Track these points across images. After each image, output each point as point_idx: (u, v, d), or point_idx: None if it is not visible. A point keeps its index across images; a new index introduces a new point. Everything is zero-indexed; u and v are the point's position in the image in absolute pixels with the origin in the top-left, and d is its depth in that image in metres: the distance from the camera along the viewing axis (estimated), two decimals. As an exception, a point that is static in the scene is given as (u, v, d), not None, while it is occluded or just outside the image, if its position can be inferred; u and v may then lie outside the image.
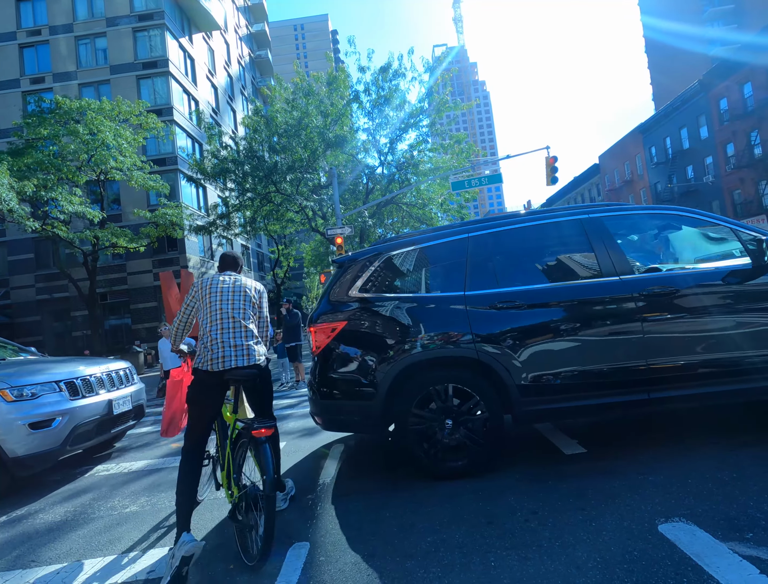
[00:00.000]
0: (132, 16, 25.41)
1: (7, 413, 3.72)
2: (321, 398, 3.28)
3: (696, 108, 32.13)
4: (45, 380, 4.05)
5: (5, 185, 13.01)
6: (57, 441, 3.91)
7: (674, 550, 1.94)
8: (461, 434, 3.04)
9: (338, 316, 3.27)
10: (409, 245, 3.42)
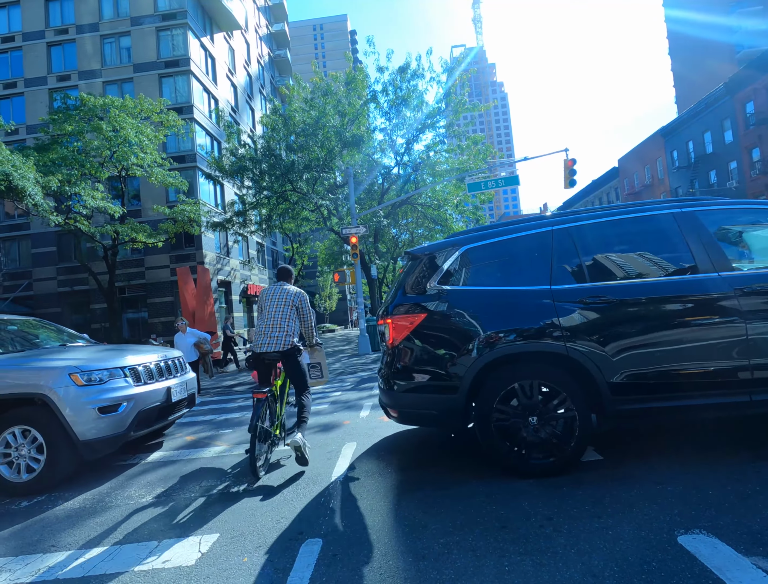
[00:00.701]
0: (156, 16, 25.89)
1: (79, 397, 3.79)
2: (398, 391, 3.24)
3: (721, 111, 31.38)
4: (111, 366, 4.12)
5: (31, 180, 13.36)
6: (123, 425, 3.98)
7: (694, 563, 1.90)
8: (547, 431, 2.96)
9: (416, 308, 3.23)
10: (489, 238, 3.36)
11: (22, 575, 2.40)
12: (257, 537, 2.57)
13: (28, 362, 4.00)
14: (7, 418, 3.79)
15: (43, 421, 3.76)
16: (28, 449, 3.77)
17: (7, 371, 3.85)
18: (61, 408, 3.72)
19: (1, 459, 3.75)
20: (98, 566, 2.42)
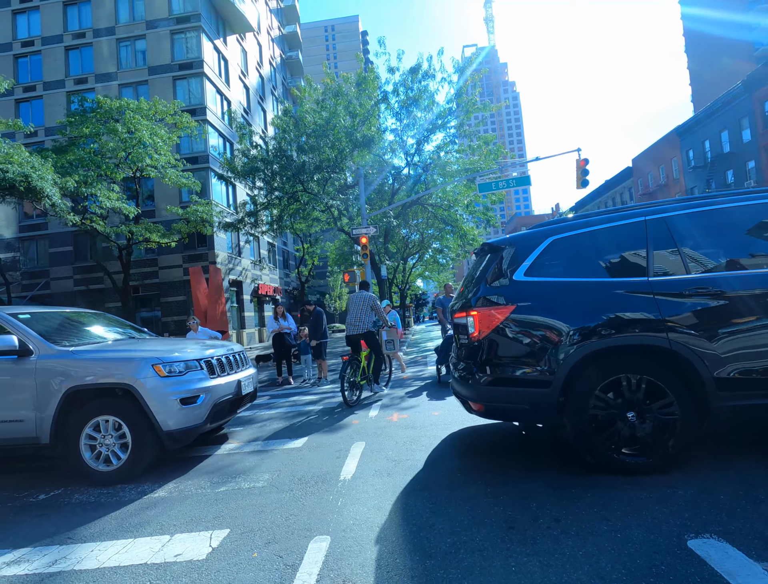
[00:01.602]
0: (170, 19, 26.29)
1: (162, 387, 3.85)
2: (484, 384, 3.19)
3: (738, 110, 30.76)
4: (188, 358, 4.16)
5: (49, 181, 13.66)
6: (201, 417, 4.04)
7: (704, 567, 1.88)
8: (644, 428, 2.87)
9: (504, 300, 3.17)
10: (576, 229, 3.28)
11: (40, 566, 2.47)
12: (266, 533, 2.61)
13: (112, 353, 4.08)
14: (93, 408, 3.85)
15: (129, 411, 3.82)
16: (114, 439, 3.83)
17: (93, 362, 3.92)
18: (146, 399, 3.78)
19: (87, 448, 3.81)
20: (112, 558, 2.48)
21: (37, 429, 3.82)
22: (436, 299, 9.78)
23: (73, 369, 3.85)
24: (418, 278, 42.64)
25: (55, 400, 3.78)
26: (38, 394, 3.83)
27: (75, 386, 3.80)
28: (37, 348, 3.94)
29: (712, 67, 43.81)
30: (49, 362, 3.88)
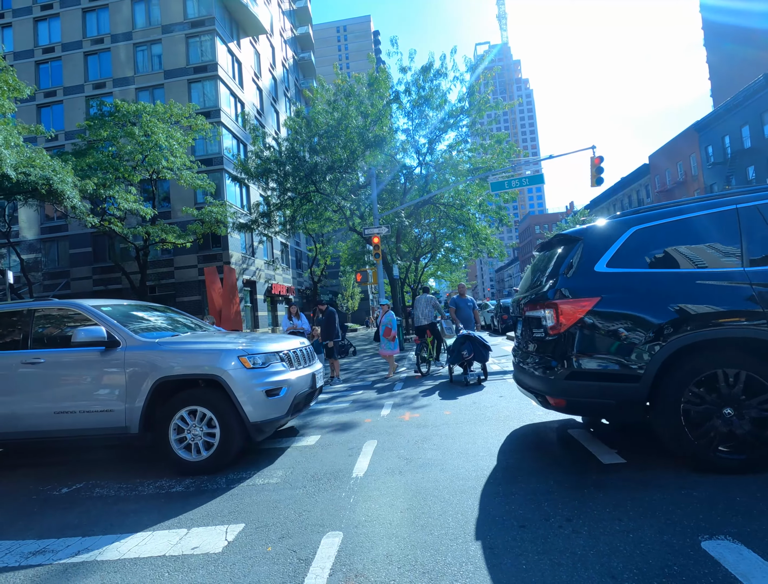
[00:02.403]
0: (185, 23, 26.71)
1: (248, 379, 3.89)
2: (564, 378, 3.09)
3: (760, 104, 29.95)
4: (271, 351, 4.20)
5: (69, 184, 14.03)
6: (283, 409, 4.07)
7: (718, 568, 1.87)
8: (744, 426, 2.75)
9: (586, 293, 3.07)
10: (660, 218, 3.17)
11: (63, 556, 2.56)
12: (280, 528, 2.66)
13: (198, 345, 4.13)
14: (181, 399, 3.90)
15: (216, 402, 3.87)
16: (201, 429, 3.87)
17: (181, 353, 3.99)
18: (234, 390, 3.82)
19: (176, 438, 3.87)
20: (132, 550, 2.56)
21: (127, 419, 3.89)
22: (450, 300, 9.77)
23: (161, 360, 3.92)
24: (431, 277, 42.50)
25: (145, 391, 3.86)
26: (128, 385, 3.90)
27: (164, 377, 3.86)
28: (124, 340, 4.01)
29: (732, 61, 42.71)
30: (138, 354, 3.96)
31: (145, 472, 4.02)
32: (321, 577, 2.10)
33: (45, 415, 3.98)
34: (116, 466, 4.31)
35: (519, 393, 5.94)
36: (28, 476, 4.20)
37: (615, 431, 3.90)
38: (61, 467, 4.44)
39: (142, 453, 4.68)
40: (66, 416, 3.95)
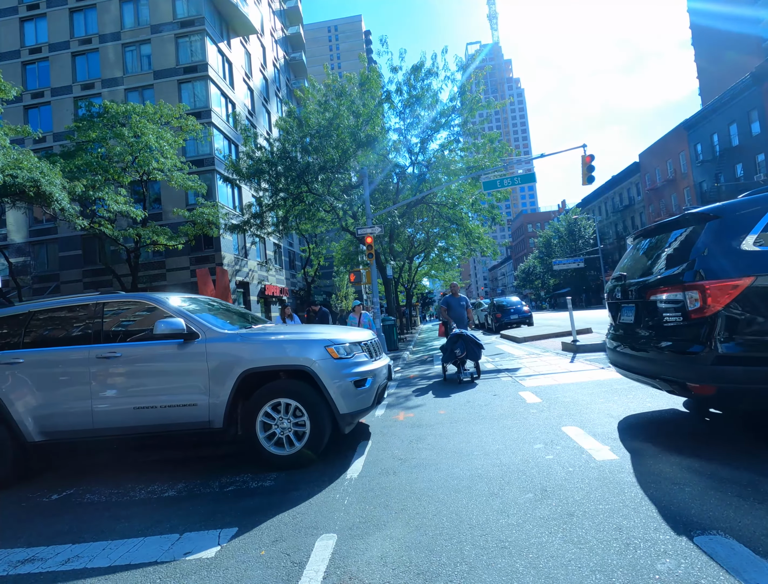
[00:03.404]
0: (174, 23, 26.49)
1: (337, 369, 3.80)
2: (717, 364, 2.88)
3: (747, 102, 30.37)
4: (354, 341, 4.10)
5: (58, 186, 13.86)
6: (369, 400, 3.98)
7: (710, 563, 1.88)
8: None
9: (736, 272, 2.89)
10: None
11: (53, 564, 2.52)
12: (274, 531, 2.64)
13: (283, 336, 4.03)
14: (268, 391, 3.78)
15: (305, 394, 3.75)
16: (289, 422, 3.76)
17: (266, 344, 3.88)
18: (324, 381, 3.73)
19: (263, 431, 3.76)
20: (123, 556, 2.52)
21: (210, 413, 3.75)
22: (442, 298, 9.78)
23: (245, 352, 3.79)
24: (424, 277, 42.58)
25: (230, 383, 3.72)
26: (211, 378, 3.76)
27: (250, 369, 3.74)
28: (203, 332, 3.89)
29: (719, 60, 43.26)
30: (220, 346, 3.83)
31: (136, 477, 3.98)
32: (315, 580, 2.08)
33: (125, 411, 3.82)
34: (107, 471, 4.26)
35: (513, 392, 5.96)
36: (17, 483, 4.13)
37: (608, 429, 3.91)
38: (50, 472, 4.37)
39: (135, 457, 4.63)
40: (147, 411, 3.79)
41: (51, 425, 3.90)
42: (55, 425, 3.89)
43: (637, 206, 47.21)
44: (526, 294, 74.12)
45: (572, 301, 11.40)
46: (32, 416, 3.89)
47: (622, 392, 5.18)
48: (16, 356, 4.01)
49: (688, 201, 37.83)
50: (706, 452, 3.11)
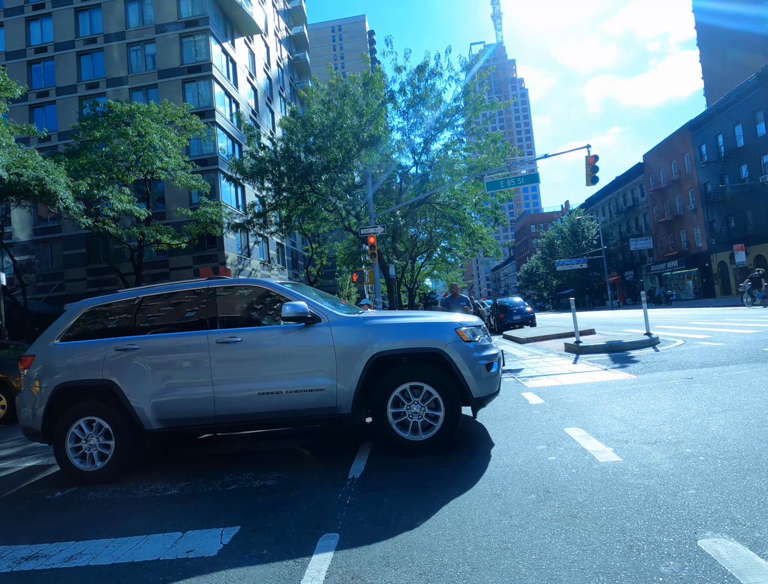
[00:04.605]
0: (179, 23, 26.58)
1: (469, 352, 3.70)
2: None
3: (753, 103, 30.18)
4: (476, 324, 4.01)
5: (62, 184, 13.92)
6: (496, 384, 3.90)
7: (714, 566, 1.87)
8: None
9: None
10: None
11: (57, 561, 2.53)
12: (276, 530, 2.64)
13: (409, 319, 3.92)
14: (396, 375, 3.68)
15: (437, 377, 3.65)
16: (421, 406, 3.65)
17: (394, 328, 3.76)
18: (458, 364, 3.62)
19: (393, 417, 3.67)
20: (126, 554, 2.53)
21: (338, 398, 3.67)
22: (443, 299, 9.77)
23: (375, 335, 3.70)
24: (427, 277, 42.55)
25: (359, 367, 3.63)
26: (338, 362, 3.68)
27: (381, 353, 3.63)
28: (325, 316, 3.81)
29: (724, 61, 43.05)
30: (346, 329, 3.75)
31: (140, 475, 3.99)
32: (317, 580, 2.08)
33: (248, 397, 3.74)
34: (111, 469, 4.27)
35: (515, 392, 5.94)
36: (21, 479, 4.16)
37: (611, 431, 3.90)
38: (53, 470, 4.40)
39: (137, 456, 4.64)
40: (272, 397, 3.71)
41: (170, 412, 3.82)
42: (175, 413, 3.82)
43: (641, 207, 47.01)
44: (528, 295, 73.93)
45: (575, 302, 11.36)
46: (150, 403, 3.81)
47: (625, 394, 5.16)
48: (131, 342, 3.94)
49: (693, 202, 37.66)
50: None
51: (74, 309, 4.24)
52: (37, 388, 3.99)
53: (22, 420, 4.07)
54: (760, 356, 6.59)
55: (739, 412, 3.94)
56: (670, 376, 5.93)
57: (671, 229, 41.53)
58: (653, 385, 5.48)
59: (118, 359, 3.89)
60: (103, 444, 3.87)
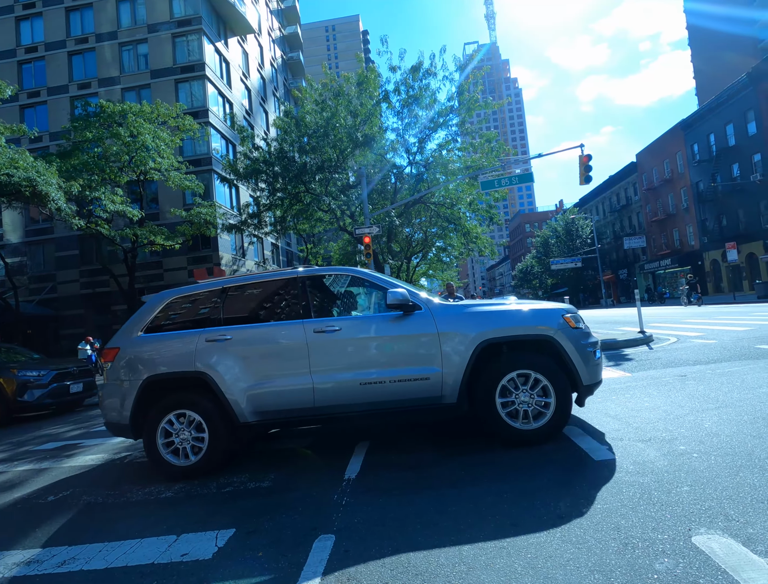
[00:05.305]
0: (171, 22, 26.41)
1: (578, 339, 3.67)
2: None
3: (743, 102, 30.48)
4: (576, 311, 3.94)
5: (54, 185, 13.79)
6: (600, 372, 3.85)
7: (708, 562, 1.88)
8: None
9: None
10: None
11: (49, 566, 2.50)
12: (272, 532, 2.63)
13: (513, 305, 3.83)
14: (506, 362, 3.61)
15: (547, 365, 3.58)
16: (529, 395, 3.59)
17: (500, 315, 3.70)
18: (568, 350, 3.57)
19: (501, 408, 3.58)
20: (120, 558, 2.51)
21: (443, 388, 3.59)
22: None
23: (480, 323, 3.62)
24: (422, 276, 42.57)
25: (466, 355, 3.56)
26: (443, 350, 3.60)
27: (489, 340, 3.57)
28: (424, 304, 3.76)
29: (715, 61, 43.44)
30: (449, 317, 3.68)
31: (134, 478, 3.96)
32: (313, 581, 2.07)
33: (350, 388, 3.64)
34: (104, 472, 4.23)
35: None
36: (12, 484, 4.11)
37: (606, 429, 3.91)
38: (46, 474, 4.35)
39: (130, 459, 4.61)
40: (374, 387, 3.62)
41: (267, 404, 3.71)
42: (271, 404, 3.71)
43: (634, 205, 47.33)
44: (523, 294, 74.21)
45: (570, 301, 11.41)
46: (246, 395, 3.69)
47: (620, 392, 5.19)
48: (223, 332, 3.83)
49: (685, 201, 37.96)
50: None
51: (155, 300, 4.12)
52: (123, 381, 3.85)
53: (106, 415, 3.93)
54: (752, 353, 6.66)
55: (731, 409, 3.97)
56: (663, 374, 5.97)
57: (664, 227, 41.85)
58: (647, 383, 5.52)
59: (210, 350, 3.77)
60: (195, 437, 3.75)
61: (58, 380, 8.74)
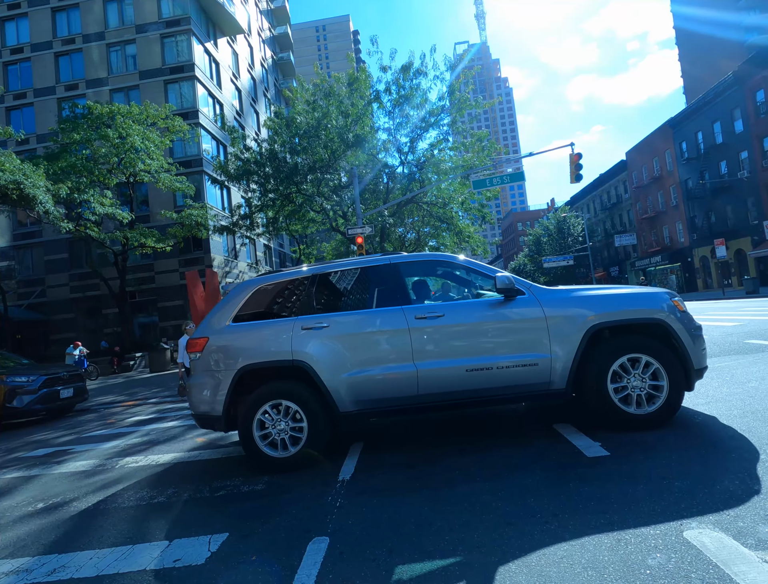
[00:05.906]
0: (160, 23, 26.19)
1: (689, 323, 3.60)
2: None
3: (730, 101, 30.89)
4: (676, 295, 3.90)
5: (42, 188, 13.62)
6: (706, 357, 3.78)
7: (700, 557, 1.89)
8: None
9: None
10: None
11: (39, 575, 2.46)
12: (265, 535, 2.60)
13: (613, 290, 3.77)
14: (617, 346, 3.54)
15: (659, 348, 3.52)
16: (641, 379, 3.53)
17: (605, 299, 3.64)
18: (681, 334, 3.53)
19: (614, 393, 3.54)
20: (111, 565, 2.47)
21: (552, 373, 3.55)
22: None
23: (588, 306, 3.56)
24: (416, 276, 42.60)
25: (576, 340, 3.49)
26: (552, 335, 3.55)
27: (601, 324, 3.51)
28: (527, 288, 3.71)
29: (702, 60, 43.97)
30: (554, 301, 3.64)
31: (126, 483, 3.91)
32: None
33: (456, 375, 3.58)
34: (95, 478, 4.18)
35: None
36: (1, 492, 4.04)
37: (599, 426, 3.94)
38: (35, 481, 4.29)
39: (122, 465, 4.55)
40: (480, 373, 3.56)
41: (368, 392, 3.63)
42: (374, 393, 3.63)
43: (624, 203, 47.77)
44: (516, 292, 74.39)
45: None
46: (346, 383, 3.62)
47: (612, 388, 5.21)
48: (320, 320, 3.73)
49: (675, 198, 38.38)
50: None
51: (242, 288, 4.02)
52: (215, 372, 3.74)
53: (195, 407, 3.83)
54: (741, 348, 6.74)
55: (722, 404, 4.02)
56: (655, 370, 6.02)
57: (654, 225, 42.29)
58: (639, 379, 5.56)
59: (306, 338, 3.67)
60: (293, 427, 3.67)
61: (48, 385, 8.62)
